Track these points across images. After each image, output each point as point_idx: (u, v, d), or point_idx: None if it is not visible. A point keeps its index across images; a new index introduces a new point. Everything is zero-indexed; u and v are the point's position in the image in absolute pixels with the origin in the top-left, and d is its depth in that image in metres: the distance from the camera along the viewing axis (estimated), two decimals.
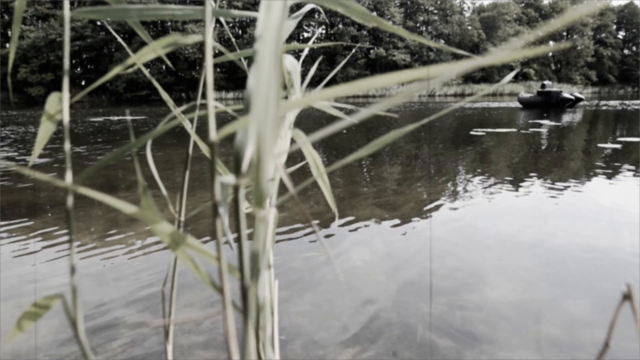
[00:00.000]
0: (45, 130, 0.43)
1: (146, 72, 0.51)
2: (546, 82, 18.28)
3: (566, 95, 17.35)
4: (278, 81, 0.20)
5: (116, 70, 0.39)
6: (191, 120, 0.61)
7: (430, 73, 0.30)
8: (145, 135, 0.37)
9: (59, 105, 0.40)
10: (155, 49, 0.37)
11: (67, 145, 0.36)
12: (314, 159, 0.54)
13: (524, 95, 18.98)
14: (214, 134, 0.31)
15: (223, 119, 12.77)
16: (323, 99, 0.29)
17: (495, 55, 0.26)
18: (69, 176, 0.36)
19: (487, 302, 1.65)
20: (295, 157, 4.93)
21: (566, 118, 11.97)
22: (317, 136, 0.28)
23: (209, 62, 0.33)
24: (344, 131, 8.55)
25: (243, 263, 0.34)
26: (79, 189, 0.34)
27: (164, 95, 0.54)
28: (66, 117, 0.37)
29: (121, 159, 5.47)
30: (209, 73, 0.32)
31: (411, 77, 0.29)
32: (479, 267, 1.99)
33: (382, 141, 0.37)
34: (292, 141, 0.60)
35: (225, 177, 0.33)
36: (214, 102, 0.46)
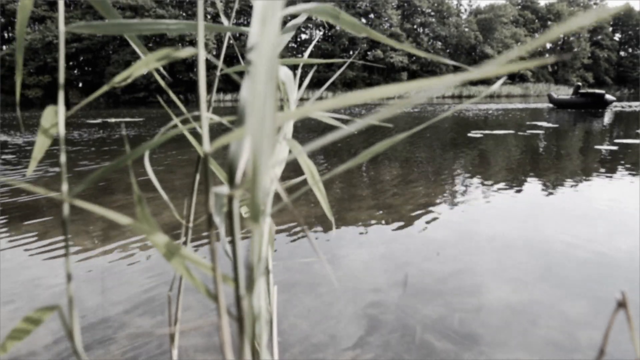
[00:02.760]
0: (41, 144, 0.43)
1: (163, 83, 0.51)
2: (579, 84, 18.65)
3: (609, 97, 17.50)
4: (274, 98, 0.21)
5: (106, 88, 0.40)
6: (191, 128, 0.61)
7: (428, 85, 0.30)
8: (140, 147, 0.37)
9: (55, 118, 0.40)
10: (149, 62, 0.38)
11: (62, 158, 0.36)
12: (309, 168, 0.54)
13: (562, 96, 19.15)
14: (207, 145, 0.31)
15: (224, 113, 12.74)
16: (318, 110, 0.29)
17: (489, 67, 0.26)
18: (64, 188, 0.36)
19: (485, 304, 1.66)
20: (291, 162, 4.93)
21: (568, 119, 12.02)
22: (312, 146, 0.28)
23: (202, 75, 0.33)
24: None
25: (238, 273, 0.34)
26: (74, 201, 0.34)
27: (175, 99, 0.54)
28: (62, 131, 0.38)
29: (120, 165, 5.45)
30: (201, 85, 0.32)
31: (409, 88, 0.30)
32: (476, 269, 1.99)
33: (377, 149, 0.38)
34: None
35: (219, 188, 0.33)
36: (207, 114, 0.46)
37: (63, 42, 0.42)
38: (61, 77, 0.42)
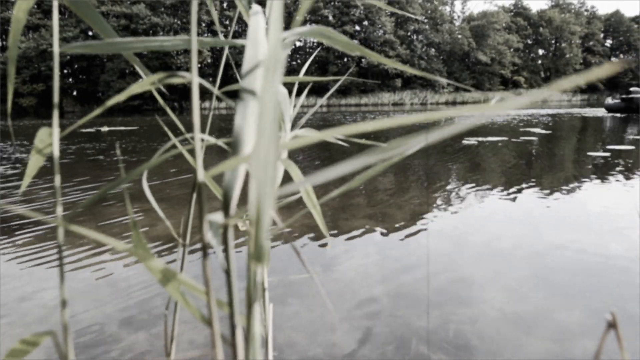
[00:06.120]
0: (34, 163, 0.43)
1: (160, 100, 0.51)
2: (633, 89, 18.16)
3: None
4: (277, 140, 0.21)
5: (110, 102, 0.40)
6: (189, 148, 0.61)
7: (503, 105, 0.30)
8: (135, 170, 0.37)
9: (49, 139, 0.40)
10: (146, 84, 0.38)
11: (57, 181, 0.36)
12: (306, 191, 0.55)
13: (611, 101, 19.16)
14: (202, 175, 0.31)
15: (223, 118, 12.78)
16: (318, 139, 0.29)
17: (564, 83, 0.26)
18: (59, 212, 0.36)
19: (480, 315, 1.66)
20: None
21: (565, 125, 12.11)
22: (317, 179, 0.26)
23: (195, 99, 0.33)
24: (342, 143, 8.55)
25: (233, 299, 0.34)
26: (69, 226, 0.34)
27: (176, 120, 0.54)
28: (56, 152, 0.38)
29: (116, 168, 5.45)
30: (195, 112, 0.32)
31: (419, 119, 0.30)
32: (471, 278, 1.99)
33: (370, 173, 0.38)
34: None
35: (214, 215, 0.33)
36: (201, 135, 0.46)
37: (57, 63, 0.42)
38: (55, 96, 0.42)
